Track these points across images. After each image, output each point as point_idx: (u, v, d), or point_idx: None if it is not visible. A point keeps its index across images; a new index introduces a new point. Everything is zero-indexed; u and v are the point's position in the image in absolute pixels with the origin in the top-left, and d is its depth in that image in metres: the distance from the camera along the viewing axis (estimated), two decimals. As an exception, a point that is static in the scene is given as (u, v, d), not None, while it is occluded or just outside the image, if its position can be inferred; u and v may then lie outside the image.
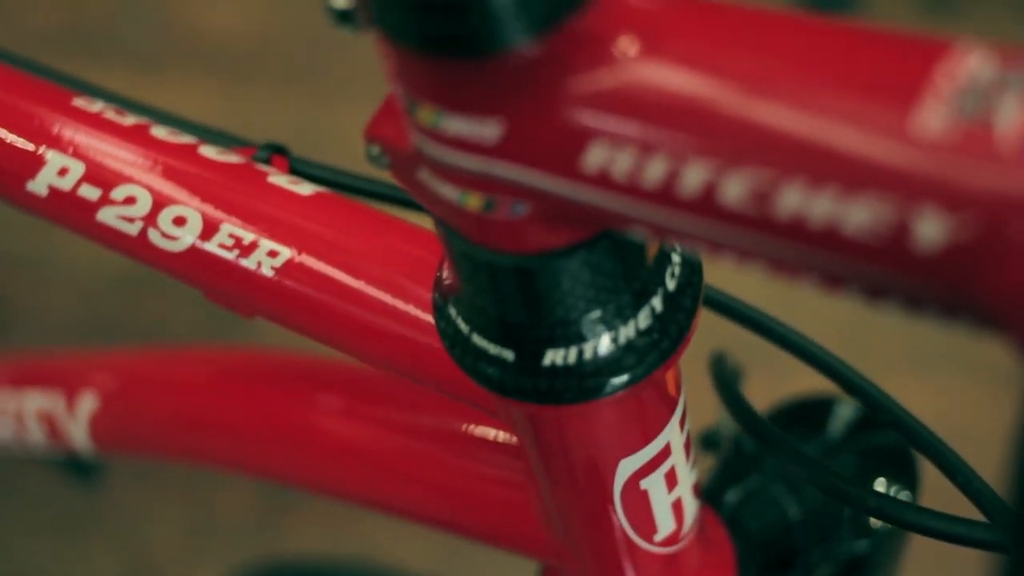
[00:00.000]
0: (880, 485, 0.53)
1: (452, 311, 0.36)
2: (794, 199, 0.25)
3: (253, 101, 1.60)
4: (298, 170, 0.48)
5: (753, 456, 0.53)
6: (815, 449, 0.55)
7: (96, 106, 0.48)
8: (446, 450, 0.50)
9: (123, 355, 0.69)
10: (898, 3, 1.58)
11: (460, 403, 0.44)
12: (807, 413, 0.55)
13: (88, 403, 0.66)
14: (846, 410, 0.55)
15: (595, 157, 0.28)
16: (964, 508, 0.43)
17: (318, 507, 1.29)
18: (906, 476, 0.53)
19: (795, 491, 0.53)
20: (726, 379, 0.49)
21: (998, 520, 0.41)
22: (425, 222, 0.38)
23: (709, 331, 0.48)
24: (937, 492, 0.51)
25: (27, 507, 1.35)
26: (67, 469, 0.85)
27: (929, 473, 0.50)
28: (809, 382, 0.53)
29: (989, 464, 0.41)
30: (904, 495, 0.53)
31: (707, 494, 0.52)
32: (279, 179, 0.45)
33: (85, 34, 1.71)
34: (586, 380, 0.35)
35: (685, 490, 0.43)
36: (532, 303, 0.33)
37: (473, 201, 0.31)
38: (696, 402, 0.45)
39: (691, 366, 0.43)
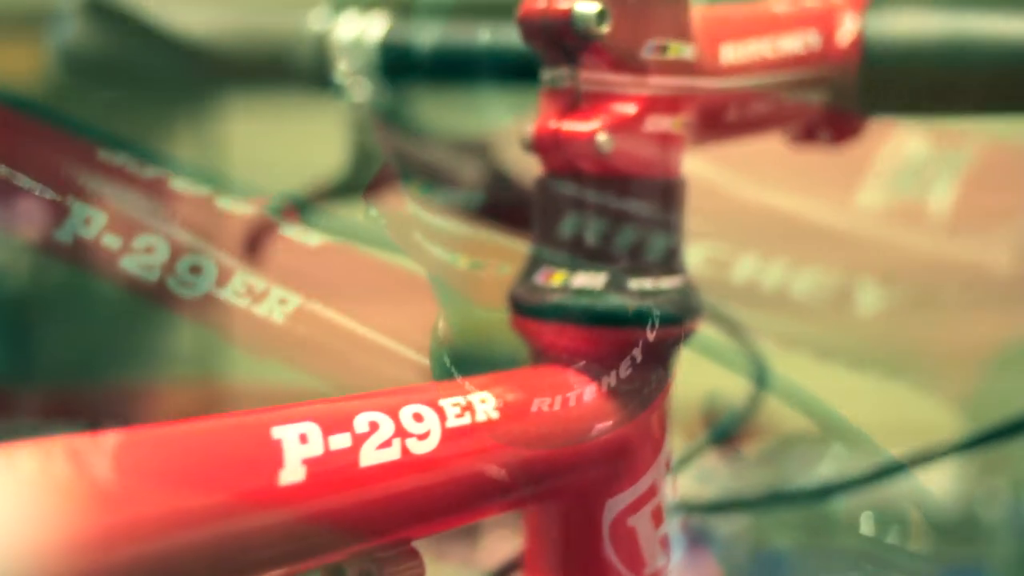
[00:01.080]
0: (866, 520, 0.55)
1: (447, 359, 0.39)
2: (747, 267, 0.28)
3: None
4: (307, 220, 0.50)
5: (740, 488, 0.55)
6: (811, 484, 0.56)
7: (119, 159, 0.51)
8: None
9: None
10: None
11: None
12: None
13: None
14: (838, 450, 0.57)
15: (568, 226, 0.30)
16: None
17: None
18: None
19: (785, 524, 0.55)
20: (715, 417, 0.51)
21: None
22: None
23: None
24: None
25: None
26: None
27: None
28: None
29: None
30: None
31: (698, 529, 0.54)
32: (290, 229, 0.48)
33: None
34: (571, 425, 0.37)
35: (673, 526, 0.45)
36: (518, 355, 0.36)
37: (463, 262, 0.33)
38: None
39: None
